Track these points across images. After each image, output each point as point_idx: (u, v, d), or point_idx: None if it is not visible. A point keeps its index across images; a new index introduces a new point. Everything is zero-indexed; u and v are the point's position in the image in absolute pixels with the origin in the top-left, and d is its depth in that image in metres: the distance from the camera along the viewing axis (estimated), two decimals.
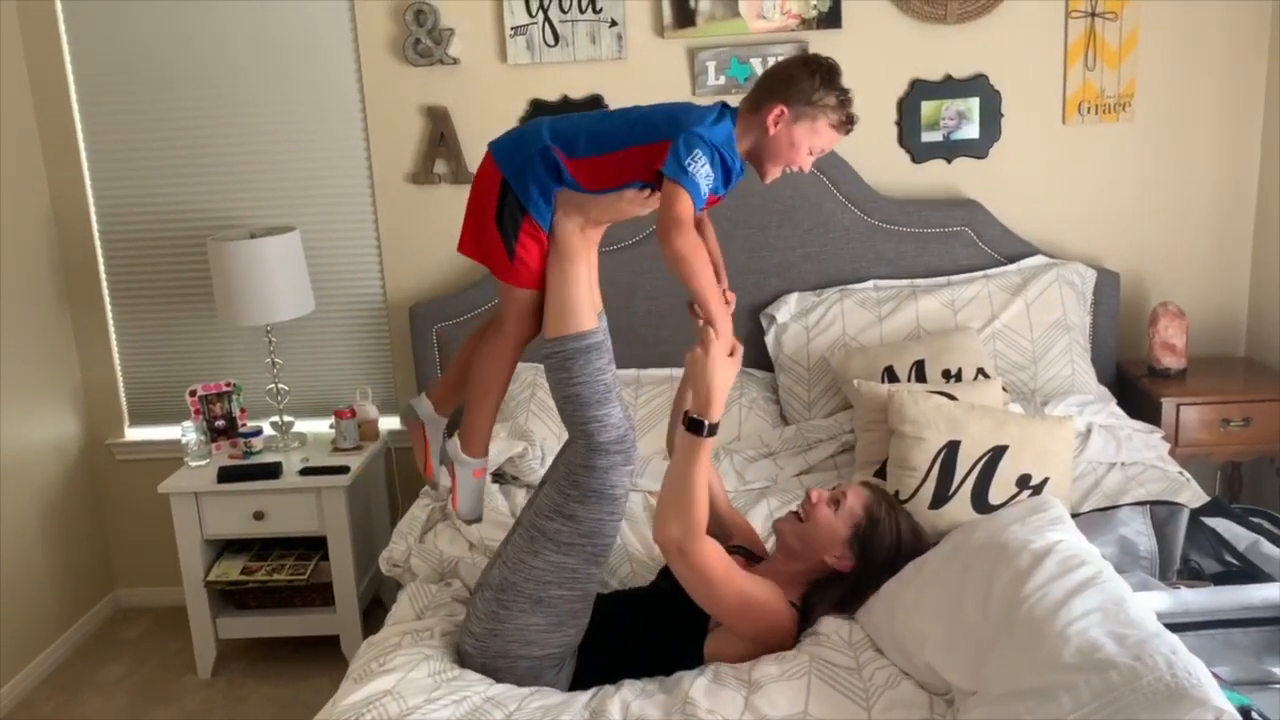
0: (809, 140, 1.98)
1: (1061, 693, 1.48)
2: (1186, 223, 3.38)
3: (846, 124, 2.00)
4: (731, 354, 1.94)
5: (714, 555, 1.93)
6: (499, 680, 2.00)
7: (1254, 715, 1.51)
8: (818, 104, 1.96)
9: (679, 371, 3.27)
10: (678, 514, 1.90)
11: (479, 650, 2.03)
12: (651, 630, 2.08)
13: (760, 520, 2.61)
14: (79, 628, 3.58)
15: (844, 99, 1.98)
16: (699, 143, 1.89)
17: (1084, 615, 1.60)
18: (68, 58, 3.41)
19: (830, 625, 2.04)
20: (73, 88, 3.44)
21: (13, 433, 3.30)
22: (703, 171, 1.89)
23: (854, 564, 2.09)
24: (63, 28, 3.39)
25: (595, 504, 2.00)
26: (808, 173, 2.07)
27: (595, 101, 3.32)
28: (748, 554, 2.25)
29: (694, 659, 2.02)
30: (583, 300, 2.03)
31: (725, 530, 2.31)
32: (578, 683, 2.04)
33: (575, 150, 2.00)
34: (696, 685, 1.89)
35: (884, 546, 2.09)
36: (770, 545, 2.51)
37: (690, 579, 1.93)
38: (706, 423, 1.90)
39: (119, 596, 3.81)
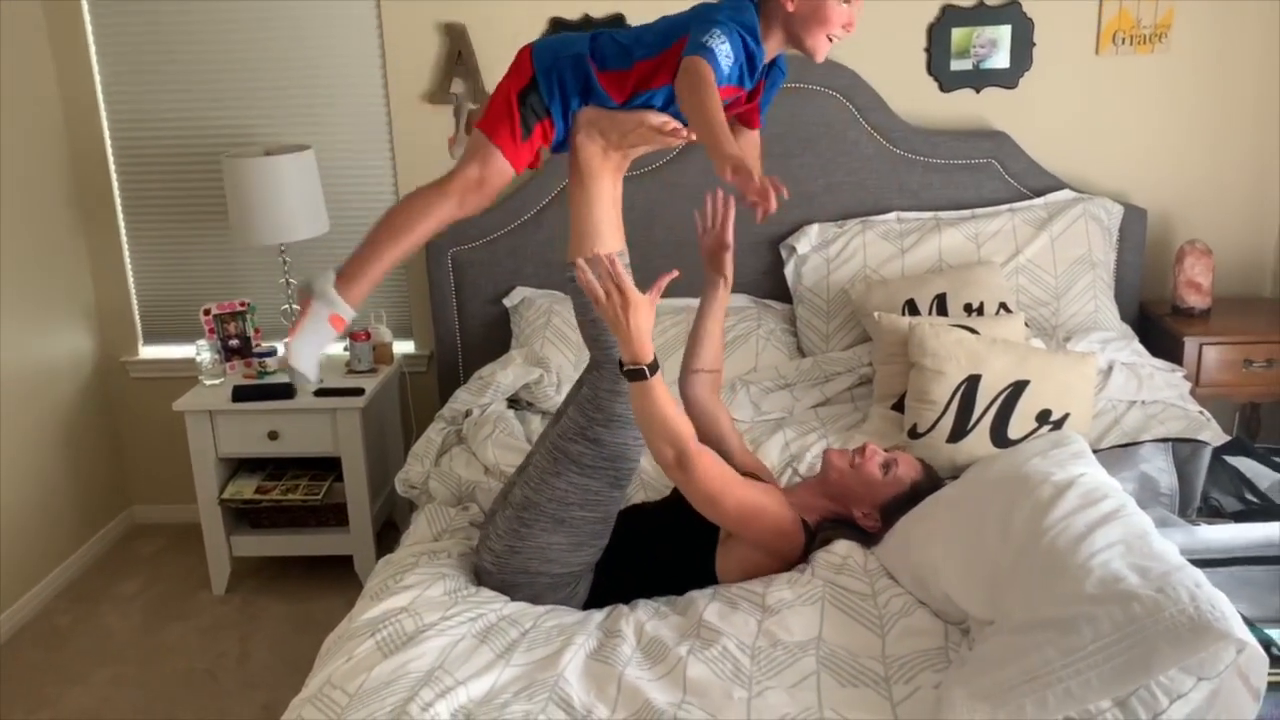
0: None
1: (1083, 624, 1.47)
2: (1217, 160, 3.31)
3: None
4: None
5: (712, 464, 1.93)
6: (515, 598, 2.02)
7: (1275, 650, 1.50)
8: None
9: (695, 302, 3.25)
10: (662, 439, 1.89)
11: (498, 567, 2.03)
12: (665, 542, 2.08)
13: (776, 450, 2.61)
14: (95, 542, 3.61)
15: None
16: (717, 25, 1.82)
17: (1107, 547, 1.59)
18: None
19: (845, 548, 2.04)
20: (85, 4, 3.36)
21: (28, 349, 3.29)
22: (723, 50, 1.80)
23: (878, 526, 2.09)
24: None
25: (619, 428, 1.98)
26: (856, 28, 1.92)
27: (617, 21, 3.24)
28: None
29: (706, 571, 2.03)
30: (605, 222, 1.99)
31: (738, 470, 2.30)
32: (593, 598, 2.06)
33: (606, 64, 1.95)
34: (711, 609, 1.90)
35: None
36: (785, 481, 2.51)
37: (692, 490, 1.93)
38: (645, 367, 1.86)
39: (134, 513, 3.84)
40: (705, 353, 2.29)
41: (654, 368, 1.87)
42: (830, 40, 1.91)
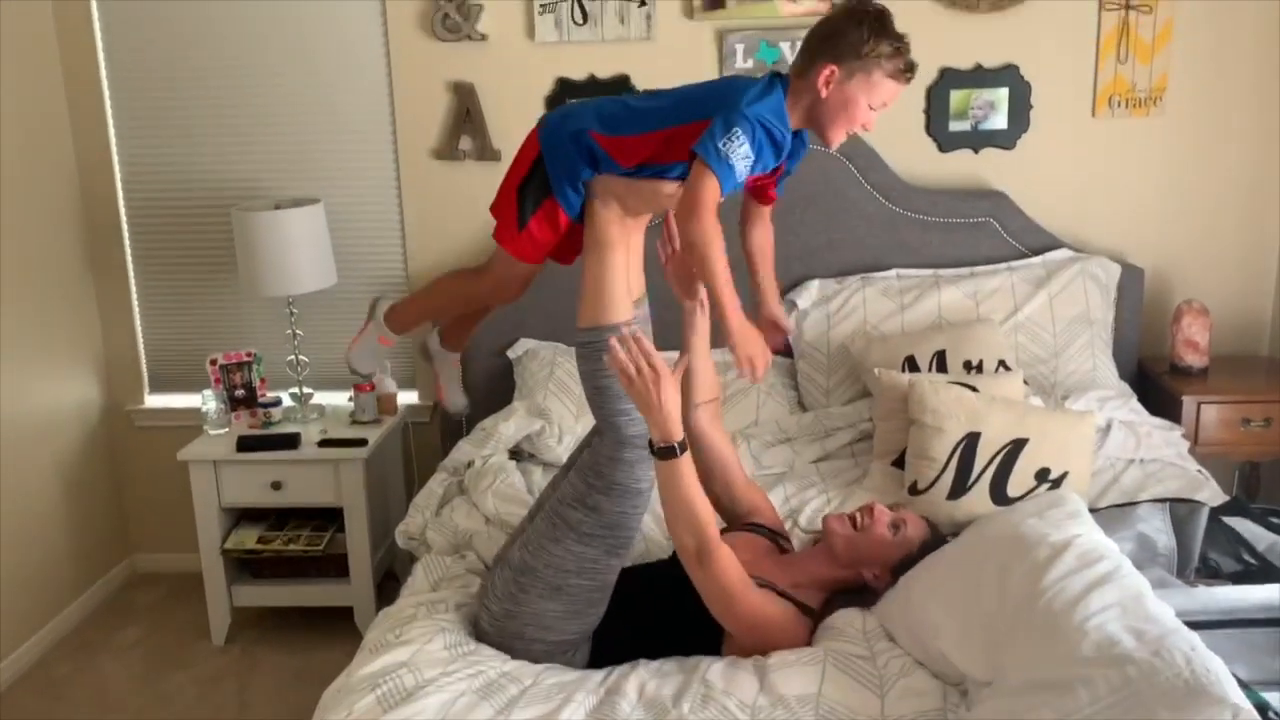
0: (867, 97, 1.89)
1: (1079, 686, 1.48)
2: (1213, 220, 3.35)
3: (905, 72, 1.90)
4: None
5: (732, 566, 1.91)
6: (514, 659, 2.01)
7: (1271, 714, 1.50)
8: (870, 56, 1.86)
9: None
10: (686, 528, 1.89)
11: (495, 629, 2.03)
12: (667, 606, 2.08)
13: (776, 504, 2.60)
14: (95, 591, 3.61)
15: (899, 46, 1.88)
16: (739, 121, 1.83)
17: (1102, 610, 1.60)
18: (97, 26, 3.42)
19: (844, 619, 2.04)
20: (101, 56, 3.44)
21: (35, 397, 3.32)
22: (739, 152, 1.82)
23: (886, 586, 2.08)
24: None
25: (619, 496, 1.97)
26: (871, 130, 1.98)
27: (622, 82, 3.31)
28: (770, 535, 2.24)
29: (709, 637, 2.03)
30: (618, 291, 2.00)
31: (740, 504, 2.31)
32: (593, 661, 2.05)
33: (617, 128, 1.97)
34: (712, 668, 1.90)
35: None
36: (787, 520, 2.51)
37: (709, 585, 1.91)
38: (676, 445, 1.87)
39: (135, 562, 3.84)
40: (700, 385, 2.28)
41: (684, 446, 1.87)
42: (846, 134, 1.96)
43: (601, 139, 1.98)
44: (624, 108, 2.00)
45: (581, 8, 3.27)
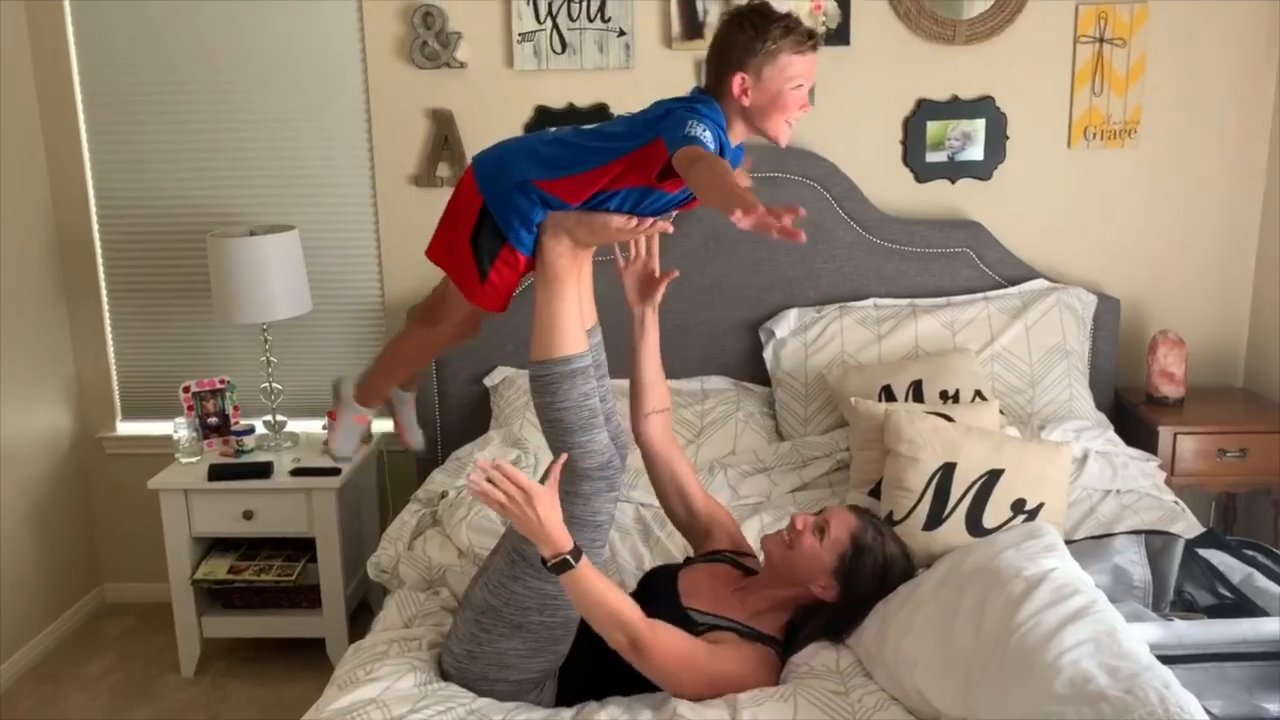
0: (785, 83, 1.90)
1: None
2: (1188, 251, 3.38)
3: (806, 41, 1.90)
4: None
5: (669, 644, 1.87)
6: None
7: None
8: (765, 51, 1.88)
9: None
10: (612, 626, 1.84)
11: (458, 671, 2.00)
12: None
13: (753, 534, 2.59)
14: (63, 622, 3.55)
15: (787, 25, 1.89)
16: (692, 115, 1.83)
17: (1076, 646, 1.59)
18: (73, 51, 3.40)
19: (819, 660, 2.02)
20: (77, 81, 3.42)
21: (4, 422, 3.27)
22: (706, 137, 1.81)
23: (839, 593, 2.05)
24: (69, 21, 3.38)
25: (577, 530, 1.92)
26: (811, 108, 1.98)
27: (601, 110, 3.31)
28: (733, 561, 2.21)
29: None
30: (569, 324, 1.99)
31: (699, 516, 2.30)
32: (562, 698, 2.02)
33: (557, 170, 1.97)
34: (684, 704, 1.87)
35: (870, 575, 2.05)
36: (755, 543, 2.49)
37: (652, 671, 1.87)
38: (568, 556, 1.82)
39: (105, 591, 3.79)
40: (650, 395, 2.28)
41: (577, 554, 1.83)
42: (789, 125, 1.95)
43: (547, 185, 1.97)
44: (563, 146, 1.99)
45: (561, 36, 3.28)
